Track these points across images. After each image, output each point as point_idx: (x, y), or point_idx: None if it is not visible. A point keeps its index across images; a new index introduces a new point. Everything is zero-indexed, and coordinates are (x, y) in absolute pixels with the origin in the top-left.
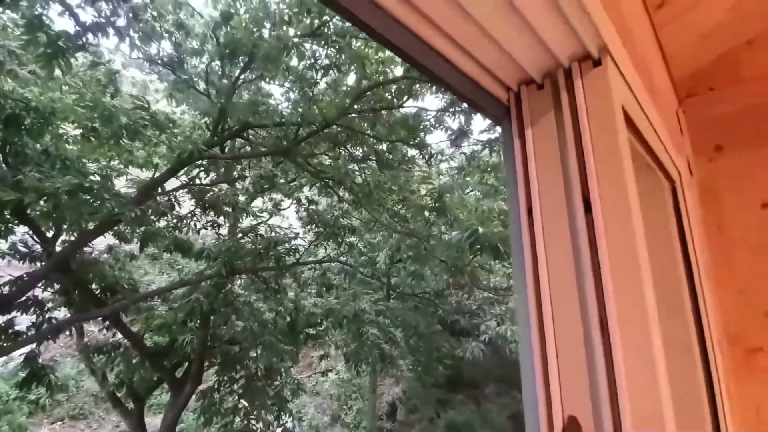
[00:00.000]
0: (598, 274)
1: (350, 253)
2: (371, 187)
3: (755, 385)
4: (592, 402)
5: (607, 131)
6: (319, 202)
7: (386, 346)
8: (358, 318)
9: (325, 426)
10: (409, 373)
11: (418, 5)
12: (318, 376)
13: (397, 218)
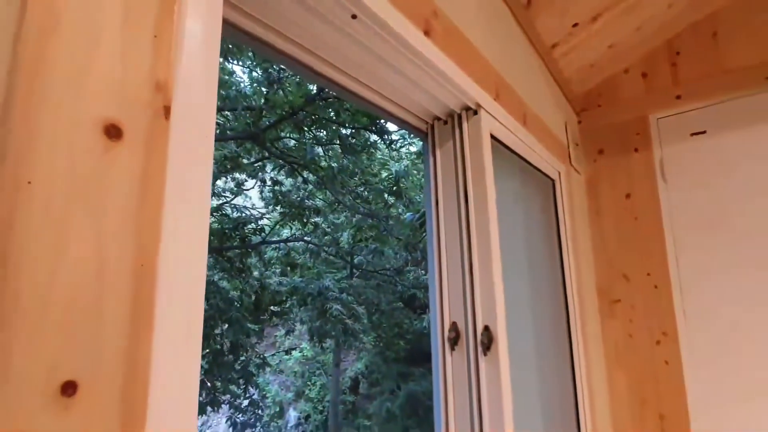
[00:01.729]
0: (469, 238)
1: (315, 233)
2: (335, 170)
3: (615, 325)
4: (464, 313)
5: (477, 151)
6: (283, 183)
7: (349, 321)
8: (323, 295)
9: (289, 402)
10: (371, 348)
11: (366, 82)
12: (282, 354)
13: (359, 200)
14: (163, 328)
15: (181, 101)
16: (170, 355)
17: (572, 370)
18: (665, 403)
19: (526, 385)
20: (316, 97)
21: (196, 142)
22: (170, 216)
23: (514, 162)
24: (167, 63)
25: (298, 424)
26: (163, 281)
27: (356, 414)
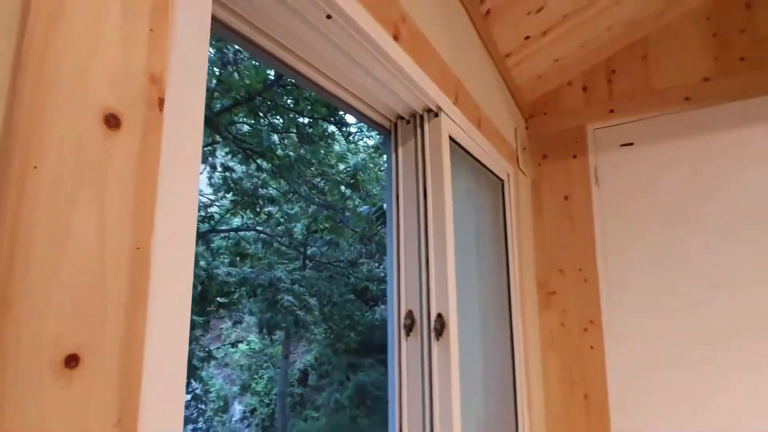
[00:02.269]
0: (426, 232)
1: (268, 222)
2: (292, 159)
3: (551, 315)
4: (419, 302)
5: (437, 151)
6: (235, 170)
7: (301, 313)
8: (274, 286)
9: (234, 396)
10: (322, 340)
11: (336, 78)
12: (228, 347)
13: (315, 191)
14: (156, 306)
15: (173, 93)
16: (162, 331)
17: (512, 354)
18: (589, 383)
19: (472, 367)
20: (275, 84)
21: (186, 133)
22: (163, 202)
23: (469, 162)
24: (162, 56)
25: (243, 417)
26: (156, 262)
27: (304, 406)
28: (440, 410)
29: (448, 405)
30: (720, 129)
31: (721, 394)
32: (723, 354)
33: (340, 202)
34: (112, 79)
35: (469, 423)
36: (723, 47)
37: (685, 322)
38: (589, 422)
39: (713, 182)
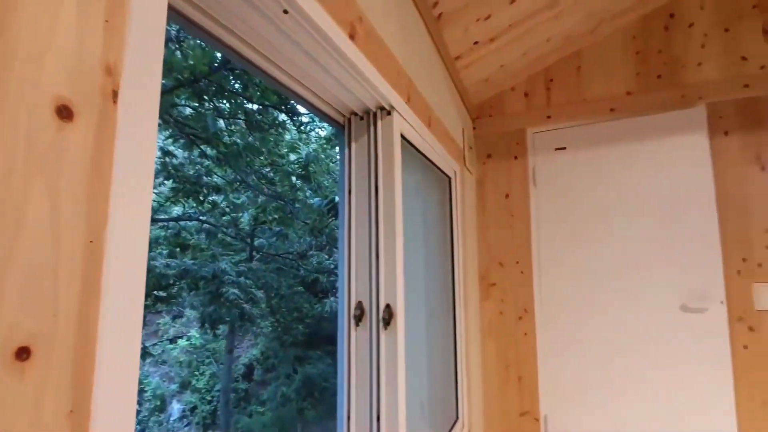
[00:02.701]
0: (377, 226)
1: (212, 212)
2: (240, 147)
3: (490, 304)
4: (369, 293)
5: (388, 148)
6: (176, 155)
7: (247, 306)
8: (218, 279)
9: (173, 394)
10: (268, 333)
11: (292, 73)
12: (166, 343)
13: (264, 180)
14: (109, 299)
15: (128, 85)
16: (115, 324)
17: (454, 341)
18: (522, 366)
19: (418, 354)
20: (222, 67)
21: (141, 125)
22: (117, 196)
23: (418, 159)
24: (117, 48)
25: (182, 416)
26: (109, 255)
27: (249, 401)
28: (386, 396)
29: (394, 391)
30: (638, 138)
31: (631, 373)
32: (633, 340)
33: (291, 193)
34: (66, 70)
35: (415, 407)
36: (644, 64)
37: (602, 312)
38: (521, 401)
39: (631, 185)
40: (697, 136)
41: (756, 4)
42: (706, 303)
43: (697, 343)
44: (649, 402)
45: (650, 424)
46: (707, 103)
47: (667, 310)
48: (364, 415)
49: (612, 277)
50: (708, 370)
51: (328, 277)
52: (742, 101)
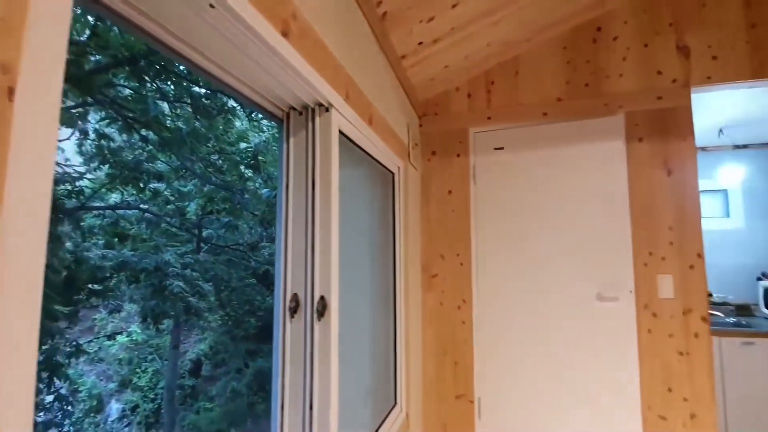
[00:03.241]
0: (313, 220)
1: (154, 200)
2: (184, 133)
3: (432, 295)
4: (304, 285)
5: (326, 144)
6: (113, 138)
7: (193, 299)
8: (161, 271)
9: (111, 393)
10: (218, 327)
11: (224, 65)
12: (103, 339)
13: (212, 169)
14: (3, 296)
15: (26, 83)
16: (8, 326)
17: (395, 329)
18: (459, 352)
19: (358, 341)
20: None
21: (39, 124)
22: (11, 199)
23: (360, 155)
24: (15, 45)
25: (122, 416)
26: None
27: (197, 398)
28: (319, 385)
29: (326, 380)
30: (566, 141)
31: (554, 356)
32: (556, 325)
33: (240, 183)
34: None
35: (353, 393)
36: (573, 73)
37: (531, 301)
38: (457, 385)
39: (560, 184)
40: (616, 141)
41: (672, 23)
42: (618, 292)
43: (610, 328)
44: (569, 381)
45: (570, 401)
46: (626, 112)
47: (586, 299)
48: (298, 403)
49: (540, 269)
50: (619, 351)
51: None
52: (655, 111)
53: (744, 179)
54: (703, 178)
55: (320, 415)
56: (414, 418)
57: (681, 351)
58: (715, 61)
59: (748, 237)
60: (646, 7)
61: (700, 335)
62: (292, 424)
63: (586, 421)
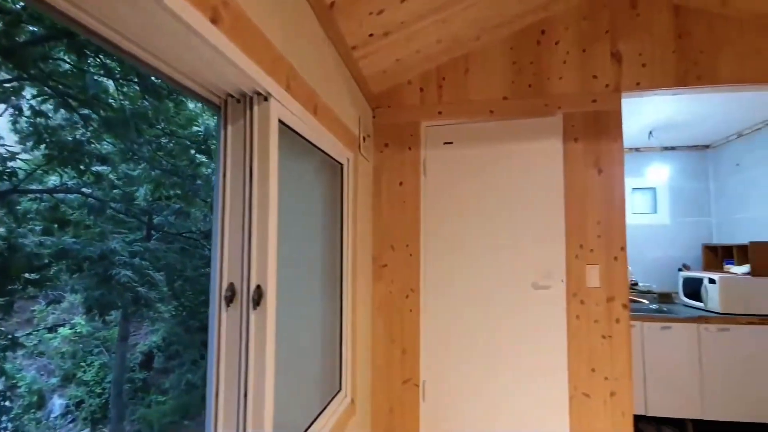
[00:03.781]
0: (250, 210)
1: (99, 184)
2: (129, 113)
3: (382, 284)
4: (240, 275)
5: (264, 133)
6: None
7: (142, 289)
8: (107, 259)
9: (53, 389)
10: (170, 318)
11: (152, 50)
12: (43, 332)
13: (162, 153)
14: None
15: None
16: None
17: (341, 317)
18: (406, 340)
19: (301, 330)
20: None
21: None
22: None
23: (304, 145)
24: None
25: (66, 412)
26: None
27: (148, 391)
28: (254, 373)
29: (261, 368)
30: (510, 139)
31: (494, 340)
32: (496, 311)
33: (191, 168)
34: None
35: (302, 379)
36: (518, 74)
37: (474, 289)
38: (404, 371)
39: (503, 179)
40: (555, 140)
41: (608, 30)
42: (551, 281)
43: (543, 314)
44: (506, 364)
45: (506, 381)
46: (564, 113)
47: (523, 287)
48: (232, 391)
49: (483, 259)
50: (550, 336)
51: None
52: (589, 113)
53: (669, 178)
54: (634, 177)
55: (255, 403)
56: (361, 402)
57: (604, 335)
58: (644, 68)
59: (672, 231)
60: (586, 14)
61: (621, 321)
62: (226, 412)
63: (521, 399)
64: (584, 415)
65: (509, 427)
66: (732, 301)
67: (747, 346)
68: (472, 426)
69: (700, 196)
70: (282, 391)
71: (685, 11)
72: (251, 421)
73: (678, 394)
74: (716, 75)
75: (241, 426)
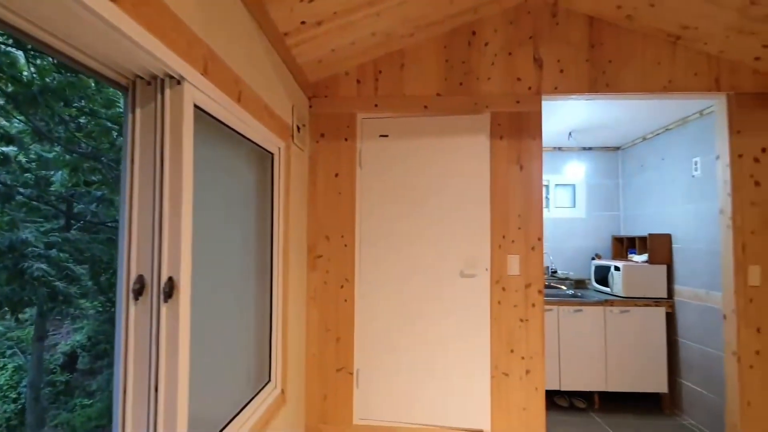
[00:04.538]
0: (161, 198)
1: (6, 166)
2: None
3: (317, 275)
4: (150, 266)
5: (177, 119)
6: None
7: (61, 284)
8: (18, 251)
9: None
10: (97, 315)
11: (53, 31)
12: None
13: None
14: None
15: None
16: None
17: (270, 309)
18: (341, 329)
19: (228, 321)
20: None
21: None
22: None
23: (226, 134)
24: None
25: None
26: None
27: (72, 394)
28: (166, 367)
29: (174, 362)
30: (442, 134)
31: (424, 326)
32: (426, 299)
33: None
34: None
35: (227, 372)
36: (450, 71)
37: (406, 278)
38: (338, 359)
39: (435, 173)
40: (483, 137)
41: (531, 36)
42: (477, 270)
43: (469, 300)
44: (434, 348)
45: (435, 365)
46: (492, 112)
47: (451, 276)
48: (142, 386)
49: (415, 249)
50: (475, 321)
51: None
52: (513, 113)
53: (586, 176)
54: (556, 174)
55: (167, 398)
56: (294, 392)
57: (522, 318)
58: (562, 74)
59: (588, 224)
60: (513, 18)
61: (536, 305)
62: (136, 407)
63: (449, 381)
64: (503, 392)
65: (439, 409)
66: (632, 286)
67: (643, 325)
68: (404, 410)
69: (611, 193)
70: (201, 385)
71: (599, 23)
72: (163, 416)
73: (587, 370)
74: (622, 84)
75: (152, 421)
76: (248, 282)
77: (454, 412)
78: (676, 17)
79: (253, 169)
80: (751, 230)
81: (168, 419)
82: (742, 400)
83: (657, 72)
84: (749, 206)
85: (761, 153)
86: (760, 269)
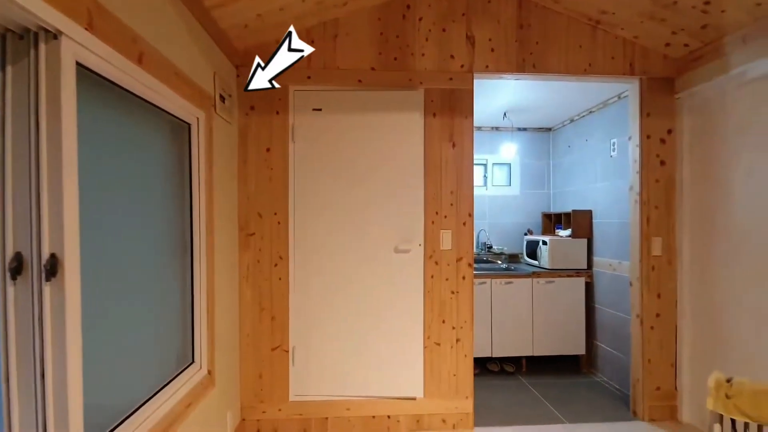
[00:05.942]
0: (38, 167)
1: None
2: None
3: (249, 253)
4: (30, 243)
5: (55, 78)
6: None
7: None
8: None
9: None
10: None
11: None
12: None
13: None
14: None
15: None
16: None
17: (191, 288)
18: (276, 307)
19: (135, 303)
20: None
21: None
22: None
23: (132, 99)
24: None
25: None
26: None
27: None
28: (53, 352)
29: (62, 345)
30: (377, 109)
31: (360, 301)
32: (362, 274)
33: None
34: None
35: (143, 356)
36: (385, 45)
37: (341, 254)
38: (273, 338)
39: (369, 148)
40: (417, 113)
41: (464, 13)
42: (411, 245)
43: (404, 275)
44: (371, 322)
45: (369, 339)
46: (425, 89)
47: (385, 252)
48: (27, 373)
49: (349, 225)
50: (409, 295)
51: None
52: (446, 91)
53: (520, 155)
54: (493, 154)
55: (56, 384)
56: (225, 372)
57: (453, 290)
58: (493, 53)
59: (521, 201)
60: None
61: (466, 278)
62: (21, 395)
63: (383, 354)
64: (435, 360)
65: (374, 381)
66: (557, 258)
67: (566, 294)
68: (339, 384)
69: (542, 172)
70: (105, 371)
71: (527, 4)
72: (52, 403)
73: (516, 337)
74: (547, 65)
75: (40, 410)
76: (163, 260)
77: (389, 382)
78: (597, 2)
79: (165, 140)
80: (655, 205)
81: (58, 407)
82: (644, 358)
83: (579, 55)
84: (654, 183)
85: (667, 134)
86: (662, 240)
